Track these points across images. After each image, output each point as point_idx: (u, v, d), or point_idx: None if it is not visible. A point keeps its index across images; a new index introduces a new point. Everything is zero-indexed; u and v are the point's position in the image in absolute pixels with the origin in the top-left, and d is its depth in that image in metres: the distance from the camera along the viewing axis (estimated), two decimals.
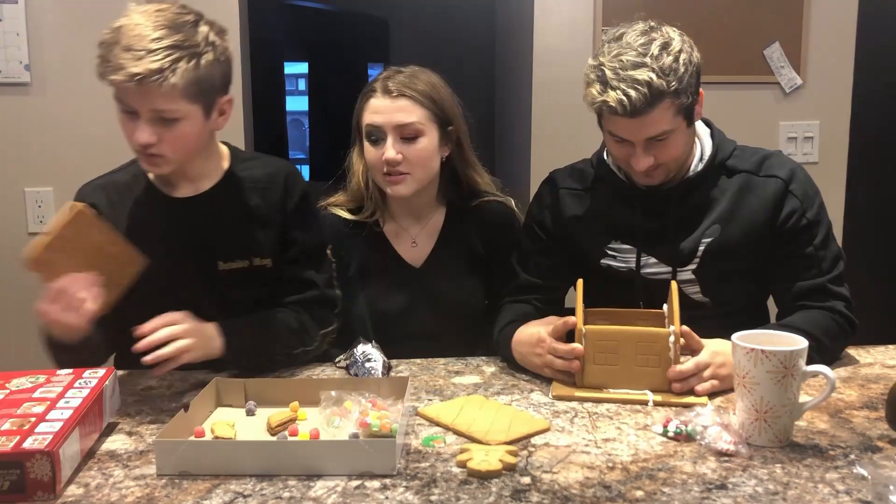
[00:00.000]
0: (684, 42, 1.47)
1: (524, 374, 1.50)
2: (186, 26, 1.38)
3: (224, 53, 1.44)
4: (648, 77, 1.40)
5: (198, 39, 1.38)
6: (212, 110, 1.45)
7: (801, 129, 2.67)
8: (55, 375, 1.26)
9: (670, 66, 1.42)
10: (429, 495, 1.02)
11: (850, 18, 2.65)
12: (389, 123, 1.63)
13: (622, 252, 1.62)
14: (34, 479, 1.02)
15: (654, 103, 1.41)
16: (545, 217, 1.69)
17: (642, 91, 1.40)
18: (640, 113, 1.42)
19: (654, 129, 1.45)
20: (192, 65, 1.35)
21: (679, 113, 1.46)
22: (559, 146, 2.56)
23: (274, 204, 1.58)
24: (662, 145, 1.48)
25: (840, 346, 1.56)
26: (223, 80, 1.46)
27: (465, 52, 4.71)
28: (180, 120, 1.39)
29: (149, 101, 1.35)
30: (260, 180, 1.59)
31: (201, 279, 1.53)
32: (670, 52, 1.43)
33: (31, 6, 2.37)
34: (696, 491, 1.03)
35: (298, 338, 1.56)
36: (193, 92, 1.37)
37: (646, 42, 1.44)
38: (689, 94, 1.45)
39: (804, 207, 1.55)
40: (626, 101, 1.40)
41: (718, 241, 1.57)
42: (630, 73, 1.41)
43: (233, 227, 1.56)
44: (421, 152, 1.66)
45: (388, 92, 1.64)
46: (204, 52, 1.38)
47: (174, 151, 1.42)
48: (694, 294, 1.60)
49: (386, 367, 1.49)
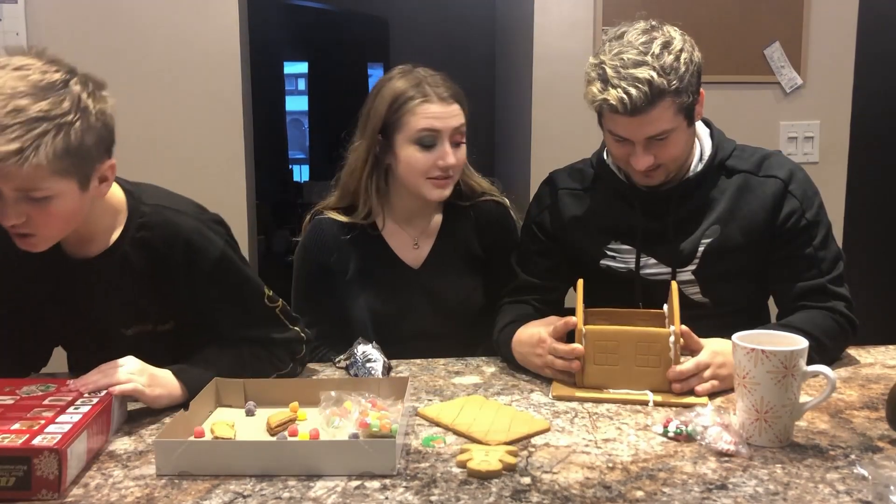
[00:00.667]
0: (685, 41, 1.47)
1: (524, 375, 1.50)
2: (54, 90, 1.18)
3: (101, 116, 1.25)
4: (649, 75, 1.40)
5: (65, 106, 1.18)
6: (89, 181, 1.26)
7: (802, 129, 2.67)
8: (65, 385, 1.26)
9: (671, 65, 1.42)
10: (429, 495, 1.02)
11: (850, 18, 2.65)
12: (447, 128, 1.64)
13: (622, 252, 1.62)
14: (40, 477, 1.02)
15: (654, 102, 1.41)
16: (544, 218, 1.69)
17: (643, 89, 1.40)
18: (640, 111, 1.41)
19: (655, 128, 1.45)
20: (60, 138, 1.17)
21: (679, 112, 1.45)
22: (559, 146, 2.56)
23: (173, 270, 1.40)
24: (662, 144, 1.48)
25: (840, 347, 1.56)
26: (100, 145, 1.26)
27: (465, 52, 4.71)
28: (51, 198, 1.21)
29: (10, 183, 1.17)
30: (157, 245, 1.39)
31: (110, 341, 1.40)
32: (671, 50, 1.43)
33: (31, 6, 2.37)
34: (696, 491, 1.03)
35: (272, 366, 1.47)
36: (64, 167, 1.19)
37: (647, 41, 1.44)
38: (689, 93, 1.45)
39: (803, 208, 1.55)
40: (627, 100, 1.40)
41: (718, 242, 1.56)
42: (631, 72, 1.41)
43: (128, 292, 1.41)
44: (463, 156, 1.70)
45: (443, 98, 1.65)
46: (74, 120, 1.19)
47: (48, 230, 1.26)
48: (693, 294, 1.60)
49: (386, 368, 1.49)
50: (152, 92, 2.50)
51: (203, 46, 2.49)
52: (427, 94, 1.65)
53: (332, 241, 1.74)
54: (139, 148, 2.48)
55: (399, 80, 1.68)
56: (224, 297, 1.44)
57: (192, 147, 2.53)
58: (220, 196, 2.54)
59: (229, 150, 2.55)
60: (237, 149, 2.55)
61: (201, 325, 1.45)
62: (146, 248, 1.39)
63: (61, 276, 1.38)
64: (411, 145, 1.65)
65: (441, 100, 1.65)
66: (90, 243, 1.38)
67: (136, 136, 2.48)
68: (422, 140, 1.64)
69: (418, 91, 1.65)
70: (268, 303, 1.49)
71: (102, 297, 1.41)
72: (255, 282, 1.49)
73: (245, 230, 2.56)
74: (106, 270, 1.38)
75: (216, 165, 2.53)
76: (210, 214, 1.48)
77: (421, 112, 1.63)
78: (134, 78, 2.48)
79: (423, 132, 1.63)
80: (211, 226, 1.44)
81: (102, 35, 2.44)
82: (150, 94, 2.50)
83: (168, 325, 1.46)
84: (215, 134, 2.54)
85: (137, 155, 2.48)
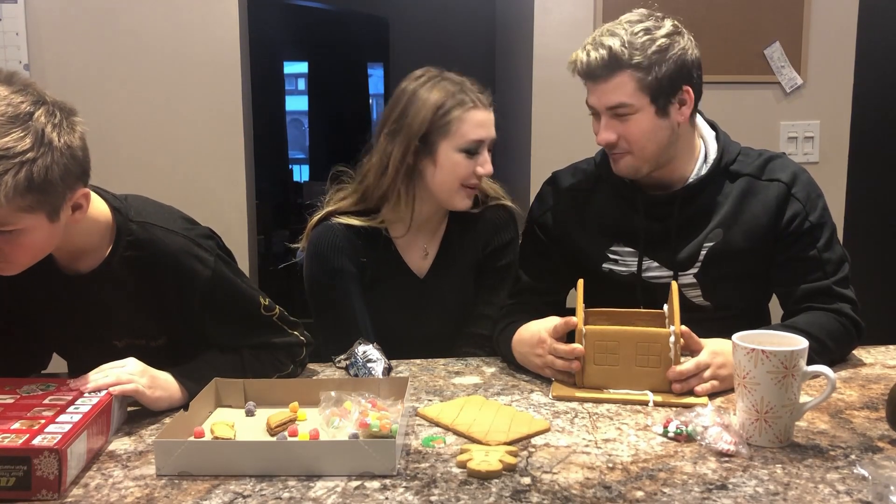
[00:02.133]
0: (677, 33, 1.49)
1: (524, 375, 1.50)
2: (17, 123, 1.14)
3: (66, 150, 1.19)
4: (613, 43, 1.46)
5: (27, 143, 1.14)
6: (59, 212, 1.22)
7: (802, 129, 2.67)
8: (65, 385, 1.26)
9: (641, 42, 1.46)
10: (429, 496, 1.02)
11: (850, 18, 2.65)
12: (490, 136, 1.67)
13: (623, 255, 1.62)
14: (40, 477, 1.02)
15: (612, 69, 1.46)
16: (547, 219, 1.68)
17: (601, 54, 1.46)
18: (596, 77, 1.47)
19: (612, 99, 1.48)
20: (22, 176, 1.13)
21: (642, 91, 1.47)
22: (559, 146, 2.55)
23: (164, 289, 1.39)
24: (625, 123, 1.50)
25: (845, 349, 1.55)
26: (68, 178, 1.20)
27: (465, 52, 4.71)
28: (20, 231, 1.18)
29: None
30: (147, 265, 1.37)
31: (104, 353, 1.36)
32: (650, 32, 1.47)
33: (30, 6, 2.37)
34: (696, 491, 1.03)
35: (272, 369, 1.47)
36: (28, 203, 1.15)
37: (635, 20, 1.49)
38: (658, 76, 1.46)
39: (807, 211, 1.54)
40: (584, 61, 1.48)
41: (720, 246, 1.56)
42: (600, 38, 1.48)
43: (119, 309, 1.40)
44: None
45: (485, 105, 1.67)
46: (36, 157, 1.14)
47: (21, 258, 1.24)
48: (695, 298, 1.60)
49: (386, 369, 1.49)
50: (152, 92, 2.50)
51: (203, 46, 2.49)
52: (474, 101, 1.65)
53: (347, 245, 1.69)
54: (139, 148, 2.49)
55: (437, 85, 1.65)
56: (219, 314, 1.43)
57: (192, 147, 2.53)
58: (220, 196, 2.54)
59: (229, 149, 2.55)
60: (237, 149, 2.55)
61: (197, 339, 1.44)
62: (136, 268, 1.37)
63: (55, 289, 1.37)
64: (457, 153, 1.64)
65: (484, 106, 1.66)
66: (80, 260, 1.36)
67: (135, 137, 2.49)
68: (470, 148, 1.64)
69: (464, 97, 1.64)
70: (264, 312, 1.47)
71: (94, 312, 1.40)
72: (250, 294, 1.47)
73: (245, 230, 2.56)
74: (97, 287, 1.37)
75: (216, 165, 2.53)
76: (200, 229, 1.46)
77: (470, 119, 1.63)
78: (134, 78, 2.49)
79: (473, 141, 1.64)
80: (201, 242, 1.42)
81: (102, 35, 2.44)
82: (149, 94, 2.50)
83: (160, 340, 1.45)
84: (215, 134, 2.53)
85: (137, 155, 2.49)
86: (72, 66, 2.39)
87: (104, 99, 2.40)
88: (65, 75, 2.39)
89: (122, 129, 2.46)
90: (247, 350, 1.45)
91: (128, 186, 1.50)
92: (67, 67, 2.39)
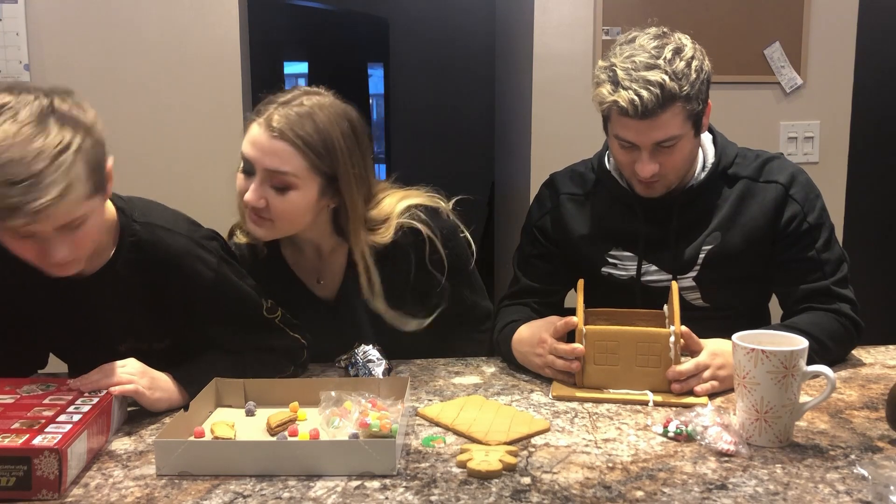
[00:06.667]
0: (696, 49, 1.46)
1: (524, 374, 1.50)
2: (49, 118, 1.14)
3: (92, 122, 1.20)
4: (661, 78, 1.39)
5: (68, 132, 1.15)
6: (105, 187, 1.24)
7: (802, 129, 2.67)
8: (65, 384, 1.26)
9: (682, 71, 1.41)
10: (429, 496, 1.02)
11: (850, 18, 2.65)
12: (261, 162, 1.42)
13: (623, 259, 1.61)
14: (40, 477, 1.02)
15: (665, 105, 1.40)
16: (546, 222, 1.67)
17: (654, 92, 1.39)
18: (650, 115, 1.40)
19: (663, 133, 1.44)
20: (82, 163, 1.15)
21: (688, 119, 1.45)
22: (559, 146, 2.56)
23: (168, 291, 1.38)
24: (668, 152, 1.47)
25: (844, 349, 1.55)
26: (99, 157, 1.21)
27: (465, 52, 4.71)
28: (86, 219, 1.20)
29: (52, 223, 1.15)
30: (150, 266, 1.36)
31: (104, 356, 1.33)
32: (683, 56, 1.43)
33: (30, 6, 2.37)
34: (696, 491, 1.03)
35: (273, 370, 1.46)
36: (91, 187, 1.18)
37: (659, 45, 1.43)
38: (699, 100, 1.45)
39: (805, 212, 1.54)
40: (638, 101, 1.39)
41: (719, 249, 1.56)
42: (643, 74, 1.40)
43: (123, 311, 1.39)
44: (290, 206, 1.43)
45: (270, 128, 1.41)
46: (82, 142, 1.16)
47: (83, 250, 1.24)
48: (694, 300, 1.60)
49: (386, 369, 1.48)
50: (152, 92, 2.50)
51: (203, 46, 2.49)
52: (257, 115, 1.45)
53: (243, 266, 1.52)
54: (139, 148, 2.48)
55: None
56: (221, 316, 1.43)
57: (192, 147, 2.53)
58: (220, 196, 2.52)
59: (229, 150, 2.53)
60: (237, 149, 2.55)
61: (200, 341, 1.44)
62: (140, 269, 1.36)
63: (56, 291, 1.35)
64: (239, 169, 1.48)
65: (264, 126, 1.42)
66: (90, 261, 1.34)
67: (136, 137, 2.49)
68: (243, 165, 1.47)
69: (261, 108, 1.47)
70: (266, 314, 1.47)
71: (96, 314, 1.39)
72: (253, 296, 1.46)
73: None
74: (100, 289, 1.36)
75: (216, 165, 2.53)
76: (203, 231, 1.45)
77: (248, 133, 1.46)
78: (134, 78, 2.49)
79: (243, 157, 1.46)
80: (204, 244, 1.41)
81: (102, 35, 2.44)
82: (150, 94, 2.50)
83: (164, 343, 1.44)
84: (215, 134, 2.53)
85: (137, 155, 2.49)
86: (72, 66, 2.39)
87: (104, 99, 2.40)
88: (65, 75, 2.39)
89: (123, 130, 2.46)
90: (248, 352, 1.45)
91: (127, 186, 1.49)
92: (67, 67, 2.39)
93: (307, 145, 1.41)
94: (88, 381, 1.26)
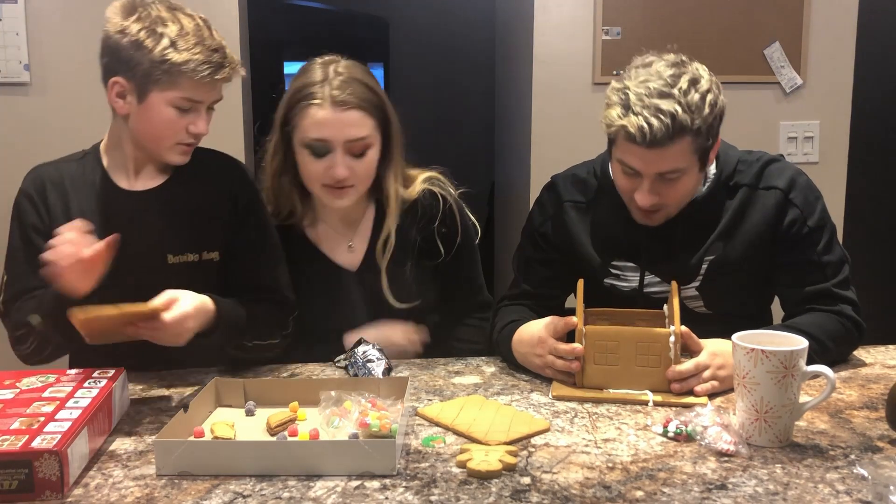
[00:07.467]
0: (713, 82, 1.43)
1: (524, 374, 1.50)
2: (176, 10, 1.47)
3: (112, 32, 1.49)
4: (674, 109, 1.36)
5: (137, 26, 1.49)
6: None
7: (802, 129, 2.67)
8: (65, 375, 1.27)
9: (696, 104, 1.38)
10: (429, 495, 1.02)
11: (850, 18, 2.65)
12: (339, 138, 1.53)
13: (625, 270, 1.61)
14: (42, 479, 1.02)
15: (674, 137, 1.37)
16: (547, 228, 1.66)
17: (665, 121, 1.36)
18: (658, 144, 1.37)
19: (668, 165, 1.41)
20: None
21: (695, 153, 1.42)
22: (559, 147, 2.55)
23: (223, 198, 1.54)
24: (671, 184, 1.44)
25: (845, 350, 1.55)
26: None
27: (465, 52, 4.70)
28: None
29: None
30: (210, 174, 1.55)
31: (149, 272, 1.46)
32: (698, 89, 1.39)
33: (30, 6, 2.37)
34: (696, 491, 1.03)
35: (269, 329, 1.53)
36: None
37: (675, 74, 1.40)
38: (709, 136, 1.42)
39: (805, 215, 1.53)
40: (647, 129, 1.36)
41: (721, 258, 1.55)
42: (655, 102, 1.37)
43: (183, 220, 1.51)
44: (369, 166, 1.58)
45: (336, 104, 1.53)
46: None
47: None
48: (697, 308, 1.59)
49: (386, 370, 1.48)
50: None
51: None
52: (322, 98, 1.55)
53: None
54: None
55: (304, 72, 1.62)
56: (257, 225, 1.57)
57: None
58: None
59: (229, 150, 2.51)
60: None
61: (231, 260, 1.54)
62: (202, 175, 1.53)
63: (112, 206, 1.48)
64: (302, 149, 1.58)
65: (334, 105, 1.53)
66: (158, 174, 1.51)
67: None
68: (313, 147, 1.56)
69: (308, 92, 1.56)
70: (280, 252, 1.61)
71: (151, 226, 1.49)
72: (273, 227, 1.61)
73: None
74: (168, 196, 1.50)
75: None
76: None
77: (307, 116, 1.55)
78: None
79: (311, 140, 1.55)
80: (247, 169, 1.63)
81: None
82: None
83: (214, 254, 1.53)
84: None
85: None
86: (72, 66, 2.39)
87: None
88: (65, 75, 2.39)
89: None
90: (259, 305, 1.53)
91: None
92: (67, 67, 2.39)
93: (370, 105, 1.56)
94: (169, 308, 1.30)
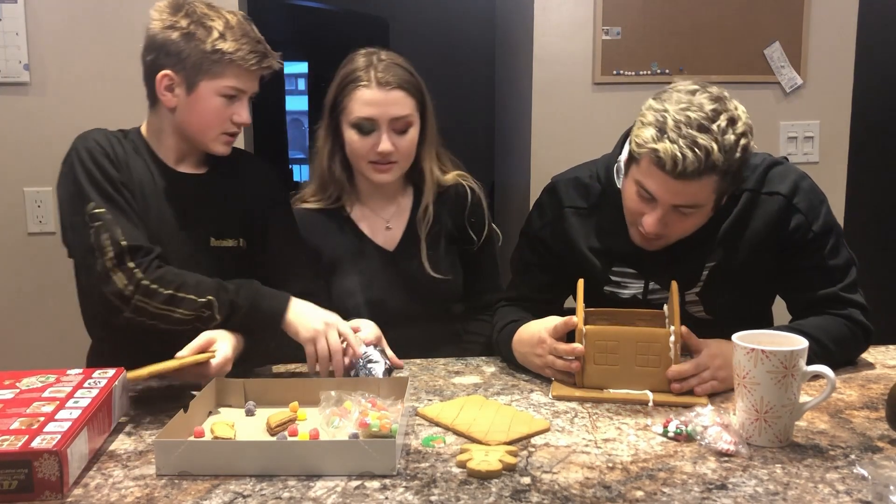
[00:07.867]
0: (748, 126, 1.40)
1: (524, 374, 1.50)
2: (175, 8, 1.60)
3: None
4: (710, 145, 1.33)
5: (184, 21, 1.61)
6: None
7: (802, 129, 2.67)
8: (65, 375, 1.27)
9: (731, 146, 1.35)
10: (429, 495, 1.02)
11: (850, 18, 2.65)
12: (384, 116, 1.66)
13: (626, 277, 1.60)
14: (42, 479, 1.02)
15: (703, 173, 1.34)
16: (547, 233, 1.65)
17: (699, 156, 1.33)
18: (685, 177, 1.34)
19: (688, 199, 1.39)
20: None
21: (715, 192, 1.40)
22: (559, 147, 2.55)
23: (262, 195, 1.65)
24: (682, 217, 1.42)
25: (850, 353, 1.54)
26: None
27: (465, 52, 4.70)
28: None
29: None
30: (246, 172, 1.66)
31: (193, 251, 1.55)
32: (735, 130, 1.36)
33: (30, 6, 2.36)
34: (696, 491, 1.03)
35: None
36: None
37: (716, 110, 1.37)
38: (734, 180, 1.41)
39: (809, 221, 1.51)
40: (680, 160, 1.33)
41: (722, 264, 1.54)
42: (693, 133, 1.34)
43: (228, 206, 1.60)
44: (410, 143, 1.71)
45: (381, 84, 1.66)
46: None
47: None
48: (697, 312, 1.59)
49: (387, 370, 1.48)
50: None
51: None
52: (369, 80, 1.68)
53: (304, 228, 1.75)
54: None
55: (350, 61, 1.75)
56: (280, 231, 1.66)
57: None
58: None
59: None
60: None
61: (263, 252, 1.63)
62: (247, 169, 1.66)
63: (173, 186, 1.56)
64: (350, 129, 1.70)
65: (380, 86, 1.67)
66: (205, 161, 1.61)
67: None
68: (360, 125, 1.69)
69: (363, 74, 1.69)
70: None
71: (200, 208, 1.57)
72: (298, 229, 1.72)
73: None
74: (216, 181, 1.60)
75: None
76: None
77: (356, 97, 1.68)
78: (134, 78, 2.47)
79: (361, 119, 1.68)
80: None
81: (103, 35, 2.43)
82: None
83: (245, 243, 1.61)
84: None
85: None
86: (72, 66, 2.39)
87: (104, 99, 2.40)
88: (65, 75, 2.39)
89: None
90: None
91: None
92: (67, 67, 2.39)
93: (412, 86, 1.70)
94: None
